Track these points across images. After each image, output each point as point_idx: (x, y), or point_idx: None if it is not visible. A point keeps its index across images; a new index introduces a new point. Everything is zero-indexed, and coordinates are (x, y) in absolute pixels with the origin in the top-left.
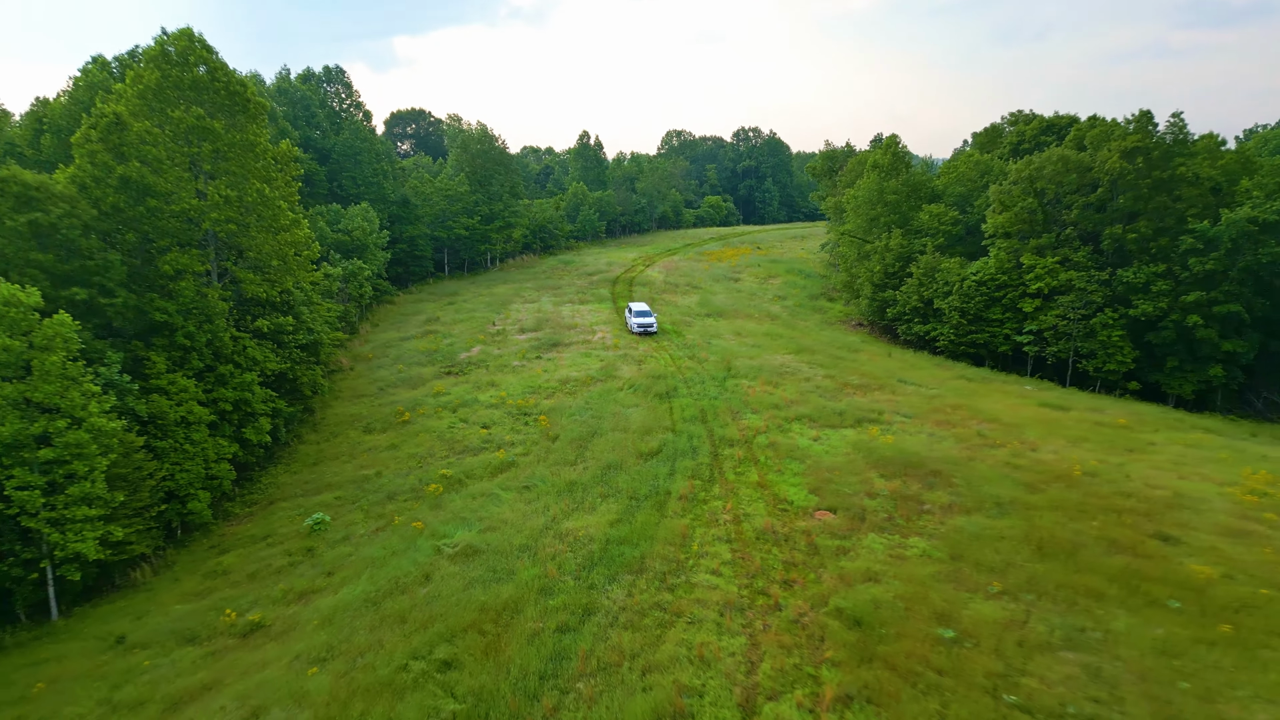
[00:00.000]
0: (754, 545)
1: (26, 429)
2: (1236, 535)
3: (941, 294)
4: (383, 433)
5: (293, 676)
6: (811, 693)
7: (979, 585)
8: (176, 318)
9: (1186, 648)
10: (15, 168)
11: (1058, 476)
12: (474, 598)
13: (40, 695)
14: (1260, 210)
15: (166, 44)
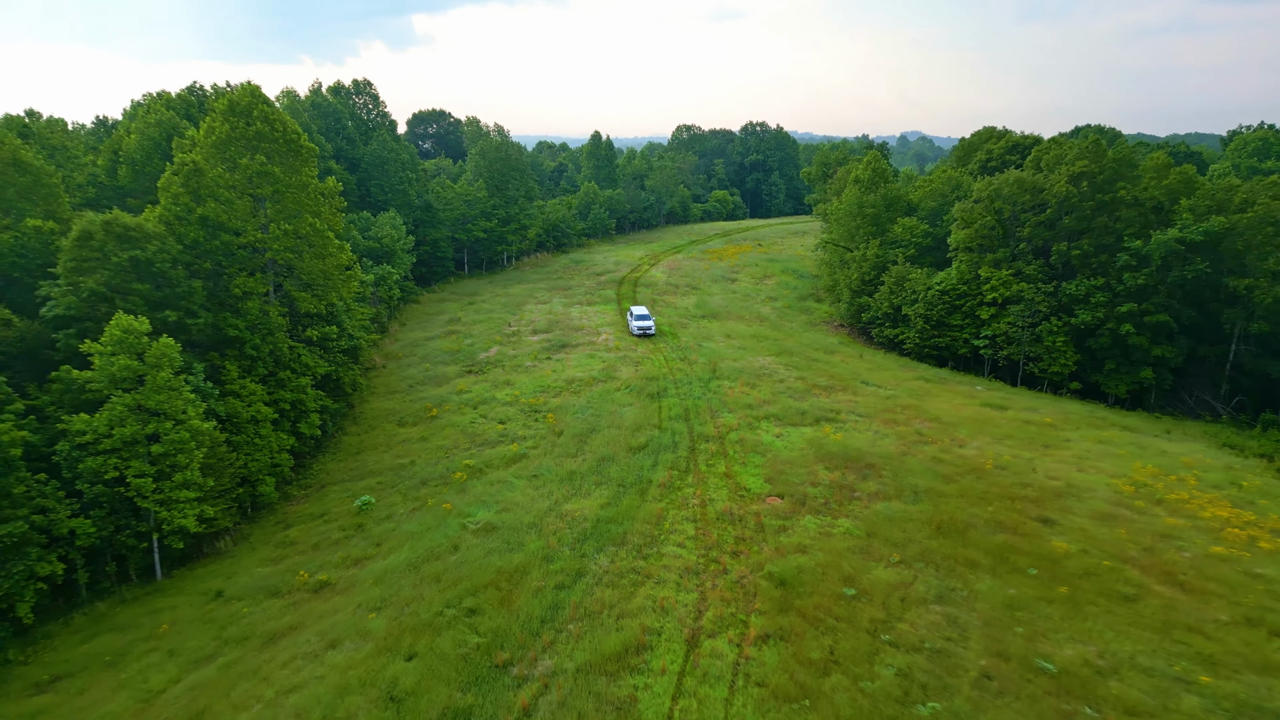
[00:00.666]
0: (714, 524)
1: (141, 429)
2: (1105, 519)
3: (909, 301)
4: (414, 426)
5: (357, 619)
6: (740, 633)
7: (883, 556)
8: (245, 332)
9: (1029, 604)
10: (118, 212)
11: (972, 469)
12: (492, 563)
13: (166, 634)
14: (1187, 231)
15: (234, 98)
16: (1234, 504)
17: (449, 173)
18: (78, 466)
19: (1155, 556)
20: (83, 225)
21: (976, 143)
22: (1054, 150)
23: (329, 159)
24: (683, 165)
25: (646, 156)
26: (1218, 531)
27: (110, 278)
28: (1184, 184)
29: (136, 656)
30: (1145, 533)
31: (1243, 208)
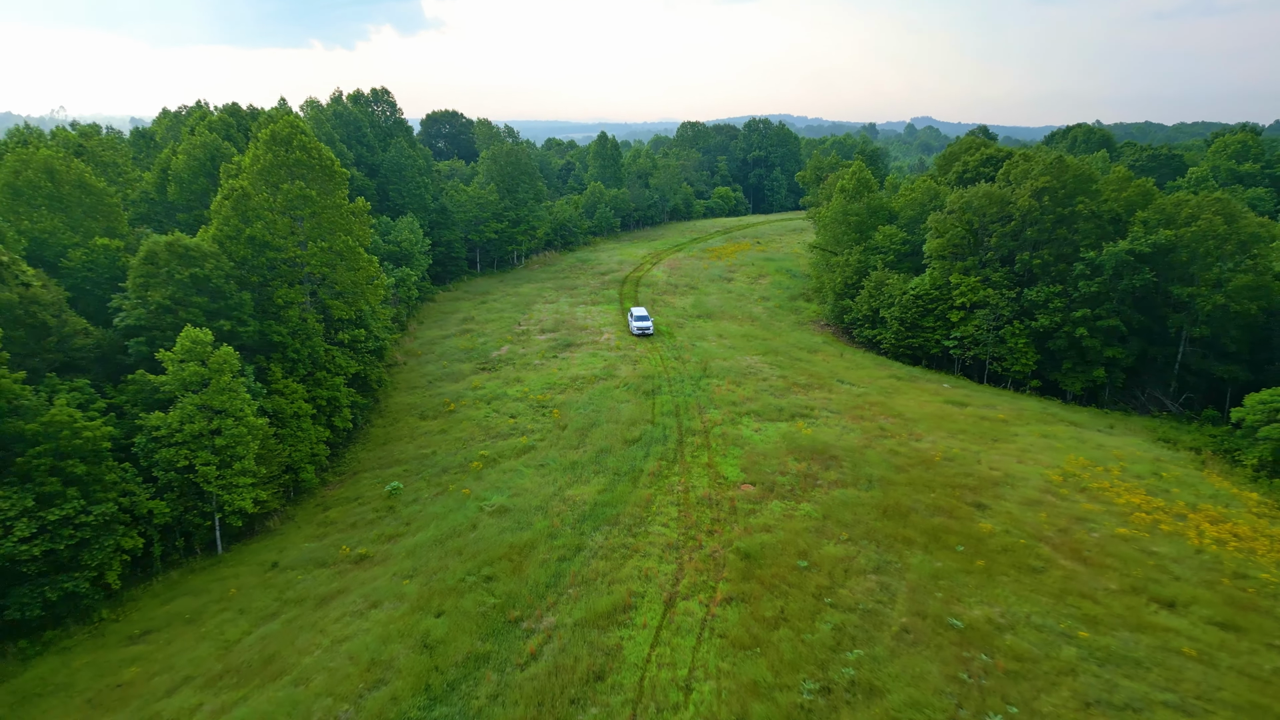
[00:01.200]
0: (694, 507)
1: (207, 425)
2: (1031, 504)
3: (887, 304)
4: (434, 419)
5: (394, 584)
6: (709, 596)
7: (834, 535)
8: (287, 338)
9: (951, 574)
10: (179, 234)
11: (923, 461)
12: (505, 540)
13: (234, 596)
14: (1137, 244)
15: (276, 129)
16: (1149, 492)
17: (462, 174)
18: (154, 456)
19: (1067, 536)
20: (149, 246)
21: (957, 152)
22: (1021, 165)
23: (351, 165)
24: (687, 162)
25: (651, 155)
26: (1127, 515)
27: (174, 292)
28: (1141, 196)
29: (211, 615)
30: (1063, 516)
31: (1188, 221)
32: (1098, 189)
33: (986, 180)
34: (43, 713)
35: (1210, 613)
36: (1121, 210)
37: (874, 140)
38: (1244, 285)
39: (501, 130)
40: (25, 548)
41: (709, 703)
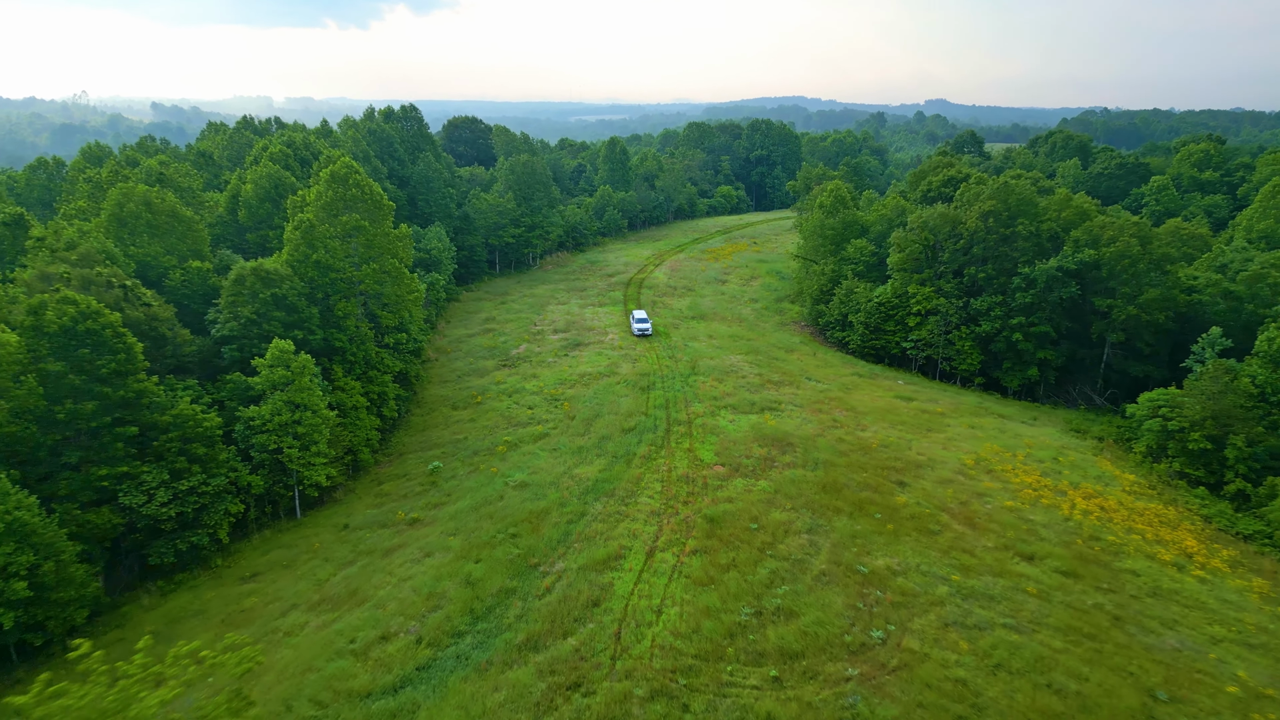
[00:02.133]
0: (674, 483)
1: (291, 417)
2: (943, 482)
3: (854, 310)
4: (464, 410)
5: (441, 540)
6: (679, 549)
7: (781, 505)
8: (346, 344)
9: (866, 535)
10: (262, 260)
11: (862, 448)
12: (526, 507)
13: (317, 549)
14: (1065, 261)
15: (336, 170)
16: (1043, 473)
17: (481, 180)
18: (250, 441)
19: (965, 507)
20: (238, 270)
21: (925, 171)
22: (974, 189)
23: (384, 178)
24: (691, 162)
25: (657, 157)
26: (1018, 492)
27: (258, 308)
28: (1078, 216)
29: (303, 562)
30: (966, 492)
31: (1109, 243)
32: (1042, 208)
33: (945, 201)
34: (189, 629)
35: (1059, 564)
36: (1060, 229)
37: (882, 127)
38: (1153, 298)
39: (518, 136)
40: (163, 510)
41: (673, 621)
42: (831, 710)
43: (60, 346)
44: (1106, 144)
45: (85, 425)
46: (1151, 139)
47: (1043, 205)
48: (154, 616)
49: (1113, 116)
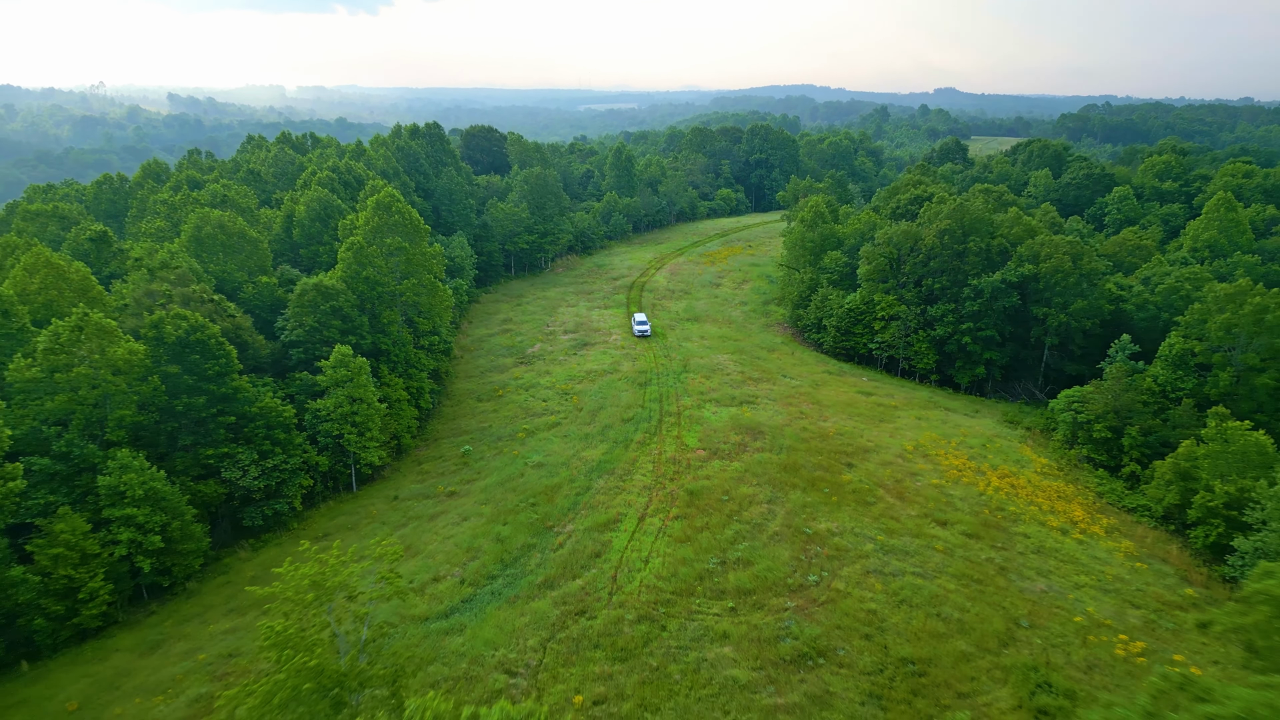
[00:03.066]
0: (664, 464)
1: (350, 408)
2: (885, 464)
3: (828, 315)
4: (488, 402)
5: (475, 508)
6: (664, 515)
7: (749, 481)
8: (390, 346)
9: (814, 505)
10: (321, 275)
11: (821, 435)
12: (542, 482)
13: (375, 514)
14: (1007, 274)
15: (380, 199)
16: (969, 457)
17: (497, 189)
18: (317, 428)
19: (899, 484)
20: (301, 286)
21: (899, 187)
22: (934, 208)
23: (412, 192)
24: (693, 166)
25: (660, 163)
26: (945, 472)
27: (319, 318)
28: (1026, 232)
29: (364, 525)
30: (902, 472)
31: (1046, 259)
32: (997, 223)
33: (910, 218)
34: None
35: (966, 528)
36: (1009, 244)
37: (885, 122)
38: (1081, 307)
39: (531, 145)
40: (255, 483)
41: (657, 568)
42: (772, 630)
43: (176, 353)
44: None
45: (196, 415)
46: (1144, 138)
47: (998, 220)
48: (251, 565)
49: (1113, 111)
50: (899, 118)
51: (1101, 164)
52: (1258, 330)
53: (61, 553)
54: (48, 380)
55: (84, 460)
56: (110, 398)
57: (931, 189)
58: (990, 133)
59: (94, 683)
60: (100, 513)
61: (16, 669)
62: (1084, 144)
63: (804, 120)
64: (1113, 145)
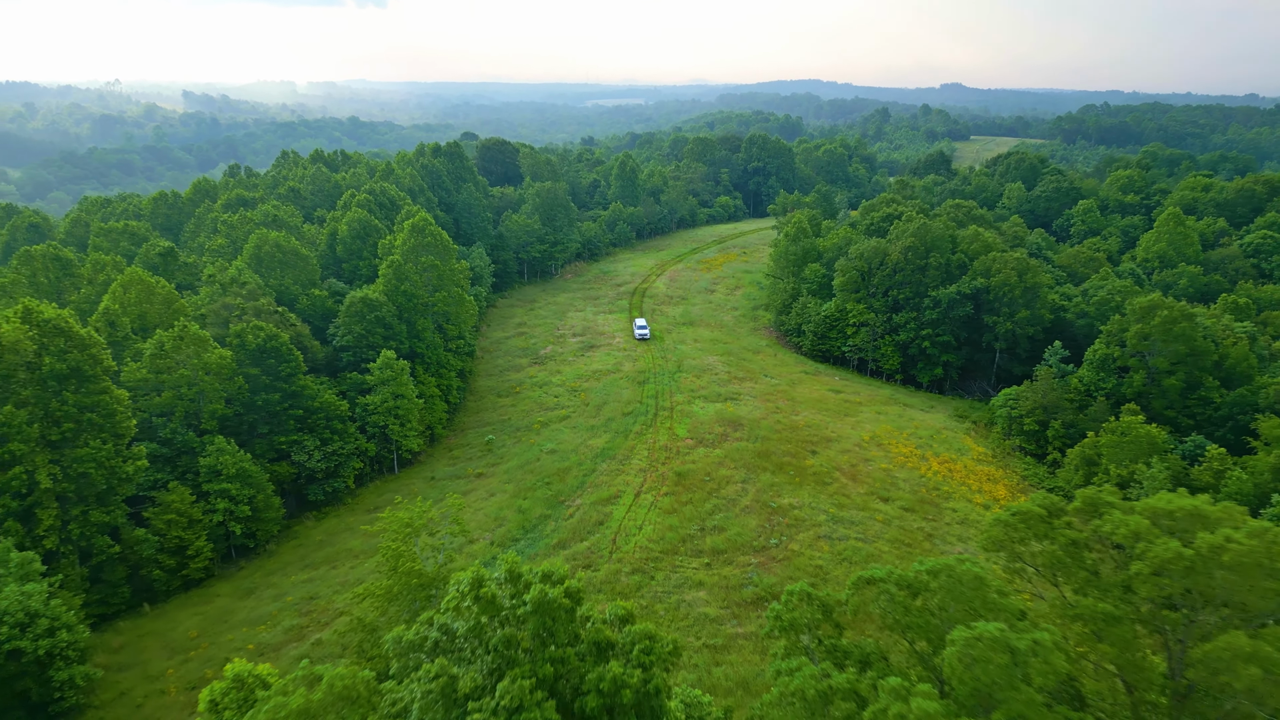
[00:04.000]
0: (657, 451)
1: (393, 403)
2: (844, 451)
3: (807, 321)
4: (506, 397)
5: (500, 486)
6: (656, 492)
7: (728, 465)
8: (424, 350)
9: (781, 484)
10: (365, 288)
11: (791, 427)
12: (555, 466)
13: (415, 492)
14: (962, 287)
15: (415, 222)
16: (917, 446)
17: (511, 201)
18: (367, 419)
19: (853, 468)
20: (350, 298)
21: (875, 205)
22: (901, 226)
23: (435, 207)
24: (693, 175)
25: (663, 173)
26: (894, 458)
27: (366, 326)
28: (983, 247)
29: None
30: (857, 458)
31: (995, 274)
32: (956, 240)
33: (881, 235)
34: (343, 540)
35: (905, 504)
36: (967, 259)
37: (885, 123)
38: (1024, 317)
39: (541, 159)
40: (318, 465)
41: (649, 533)
42: (737, 580)
43: (255, 358)
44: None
45: (270, 409)
46: (1137, 140)
47: (960, 236)
48: (317, 531)
49: (1110, 112)
50: (900, 117)
51: (1071, 177)
52: (1167, 339)
53: (173, 518)
54: (155, 380)
55: (184, 445)
56: (204, 394)
57: (902, 208)
58: (989, 132)
59: (205, 619)
60: (200, 487)
61: (140, 610)
62: (1078, 146)
63: (808, 119)
64: (1106, 147)
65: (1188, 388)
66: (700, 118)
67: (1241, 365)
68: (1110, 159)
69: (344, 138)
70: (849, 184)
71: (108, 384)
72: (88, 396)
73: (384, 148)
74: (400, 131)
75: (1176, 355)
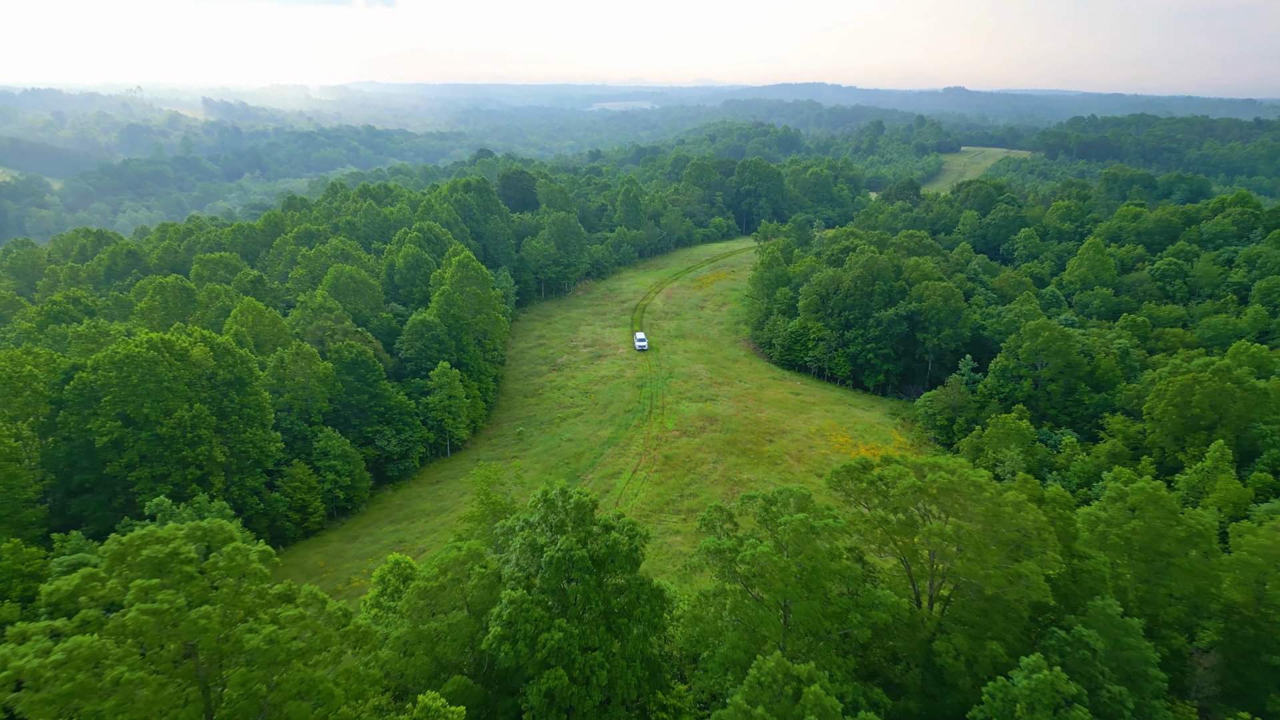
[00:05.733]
0: (650, 440)
1: (448, 401)
2: (795, 440)
3: (776, 336)
4: (531, 398)
5: (530, 464)
6: (648, 470)
7: (704, 450)
8: (469, 360)
9: (743, 464)
10: (422, 311)
11: (756, 422)
12: (572, 450)
13: (468, 469)
14: (899, 309)
15: (462, 259)
16: (852, 436)
17: (529, 227)
18: (427, 415)
19: (800, 453)
20: (411, 320)
21: (837, 237)
22: (855, 257)
23: (467, 236)
24: (690, 198)
25: (663, 198)
26: (832, 445)
27: (425, 342)
28: (921, 276)
29: (461, 476)
30: (804, 446)
31: (926, 299)
32: (901, 268)
33: (839, 264)
34: (415, 504)
35: None
36: (908, 285)
37: (879, 135)
38: (948, 334)
39: (555, 188)
40: (394, 448)
41: (642, 498)
42: None
43: (348, 368)
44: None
45: (359, 406)
46: (1115, 155)
47: (905, 264)
48: (395, 498)
49: (1098, 124)
50: (895, 128)
51: (1018, 207)
52: (1049, 353)
53: (297, 485)
54: (278, 384)
55: (300, 433)
56: (313, 396)
57: (857, 241)
58: (981, 143)
59: (326, 555)
60: (314, 463)
61: (278, 550)
62: (1059, 161)
63: (807, 128)
64: (1085, 161)
65: (1066, 392)
66: (703, 127)
67: (1109, 374)
68: (1068, 184)
69: (361, 147)
70: (833, 203)
71: (259, 388)
72: (246, 397)
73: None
74: (415, 141)
75: (1057, 367)
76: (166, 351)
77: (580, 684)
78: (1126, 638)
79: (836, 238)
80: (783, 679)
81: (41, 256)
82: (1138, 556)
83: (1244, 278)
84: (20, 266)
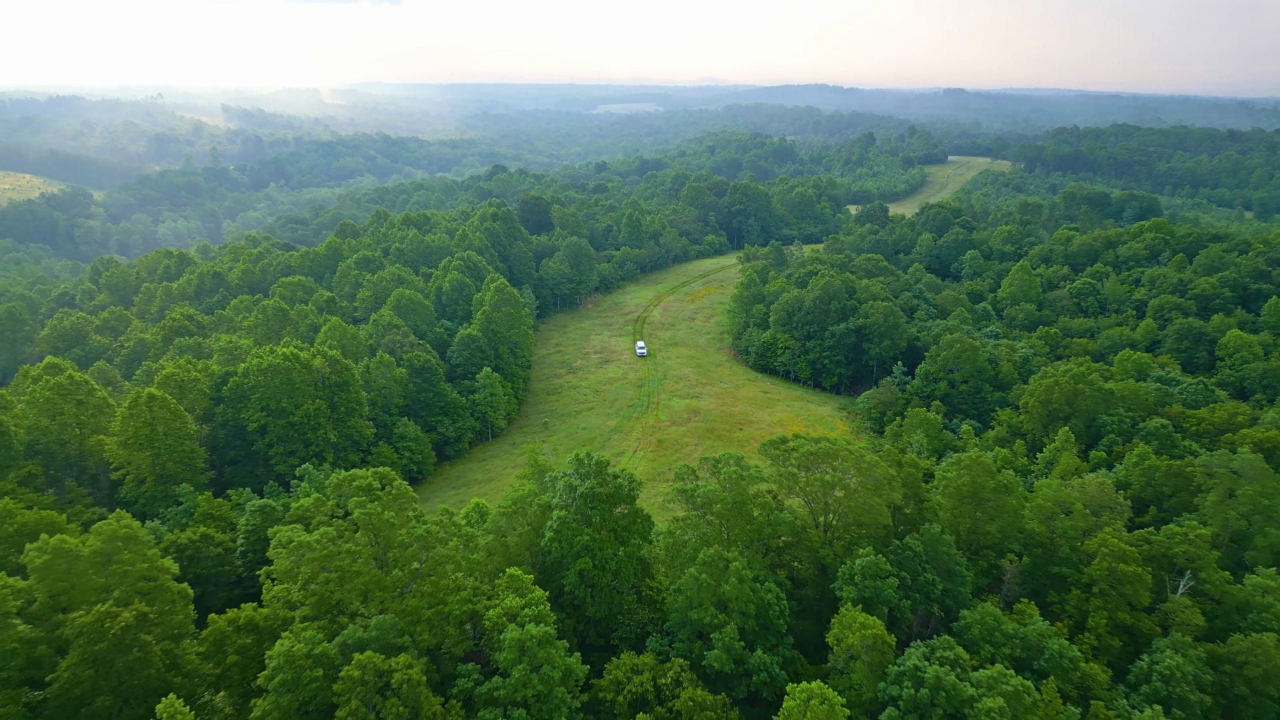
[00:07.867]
0: (647, 428)
1: (490, 397)
2: (759, 429)
3: (752, 345)
4: (552, 395)
5: (559, 444)
6: (645, 450)
7: (689, 436)
8: (504, 365)
9: (718, 446)
10: (467, 327)
11: (731, 414)
12: (586, 436)
13: (509, 450)
14: (850, 324)
15: (499, 285)
16: (805, 424)
17: (545, 248)
18: (474, 408)
19: (762, 438)
20: (459, 335)
21: (804, 261)
22: (815, 280)
23: (495, 260)
24: (685, 218)
25: (663, 219)
26: (792, 432)
27: (470, 353)
28: (870, 296)
29: (504, 454)
30: (766, 432)
31: (871, 316)
32: (853, 289)
33: (803, 285)
34: (469, 476)
35: None
36: (858, 303)
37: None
38: (887, 345)
39: (568, 211)
40: (451, 433)
41: (640, 472)
42: None
43: (417, 372)
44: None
45: (425, 402)
46: (1089, 168)
47: (859, 286)
48: (452, 471)
49: (1079, 136)
50: (887, 137)
51: (969, 231)
52: (961, 360)
53: (384, 460)
54: (367, 385)
55: (383, 422)
56: (391, 394)
57: (820, 266)
58: (968, 152)
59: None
60: (395, 445)
61: None
62: (1036, 173)
63: (804, 135)
64: (1061, 174)
65: (974, 391)
66: (704, 136)
67: (1008, 377)
68: (1025, 203)
69: (378, 156)
70: (815, 221)
71: (359, 388)
72: (350, 394)
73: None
74: (428, 149)
75: (967, 371)
76: (296, 361)
77: (599, 569)
78: (941, 547)
79: (804, 262)
80: (717, 559)
81: (131, 275)
82: (968, 502)
83: (1145, 295)
84: (115, 284)
